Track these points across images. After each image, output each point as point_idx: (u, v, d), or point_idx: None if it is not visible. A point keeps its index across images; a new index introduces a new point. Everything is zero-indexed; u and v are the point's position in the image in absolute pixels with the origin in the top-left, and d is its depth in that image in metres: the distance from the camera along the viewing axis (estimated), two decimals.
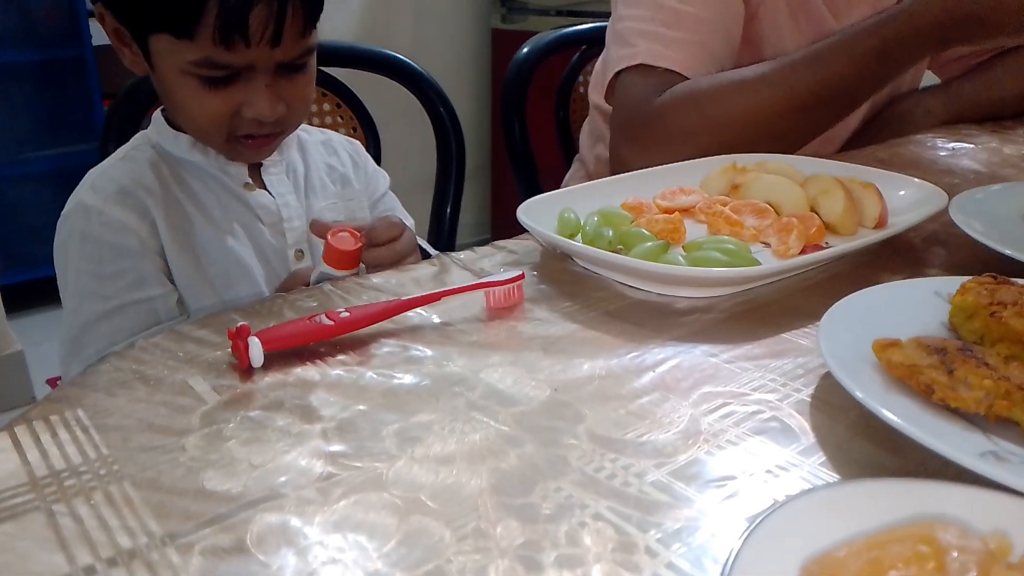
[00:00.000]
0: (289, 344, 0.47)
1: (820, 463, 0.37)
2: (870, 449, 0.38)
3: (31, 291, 2.13)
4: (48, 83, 2.31)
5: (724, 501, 0.35)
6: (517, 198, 0.71)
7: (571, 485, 0.36)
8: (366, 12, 2.62)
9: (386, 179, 0.95)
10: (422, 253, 0.77)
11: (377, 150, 1.11)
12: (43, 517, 0.34)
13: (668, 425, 0.40)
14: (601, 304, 0.54)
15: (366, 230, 0.71)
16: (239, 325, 0.45)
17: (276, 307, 0.53)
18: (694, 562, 0.31)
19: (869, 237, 0.60)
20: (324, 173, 0.87)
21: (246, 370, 0.45)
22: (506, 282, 0.53)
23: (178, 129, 0.77)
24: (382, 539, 0.32)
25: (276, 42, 0.67)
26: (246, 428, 0.40)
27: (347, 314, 0.49)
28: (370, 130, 1.12)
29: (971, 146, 1.01)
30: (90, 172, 0.76)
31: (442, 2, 2.79)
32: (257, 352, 0.45)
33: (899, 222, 0.64)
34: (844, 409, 0.41)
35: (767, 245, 0.63)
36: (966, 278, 0.48)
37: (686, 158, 0.78)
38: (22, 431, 0.39)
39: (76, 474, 0.36)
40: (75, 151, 2.33)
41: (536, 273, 0.59)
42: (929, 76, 1.20)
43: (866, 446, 0.39)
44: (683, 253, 0.59)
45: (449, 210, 1.16)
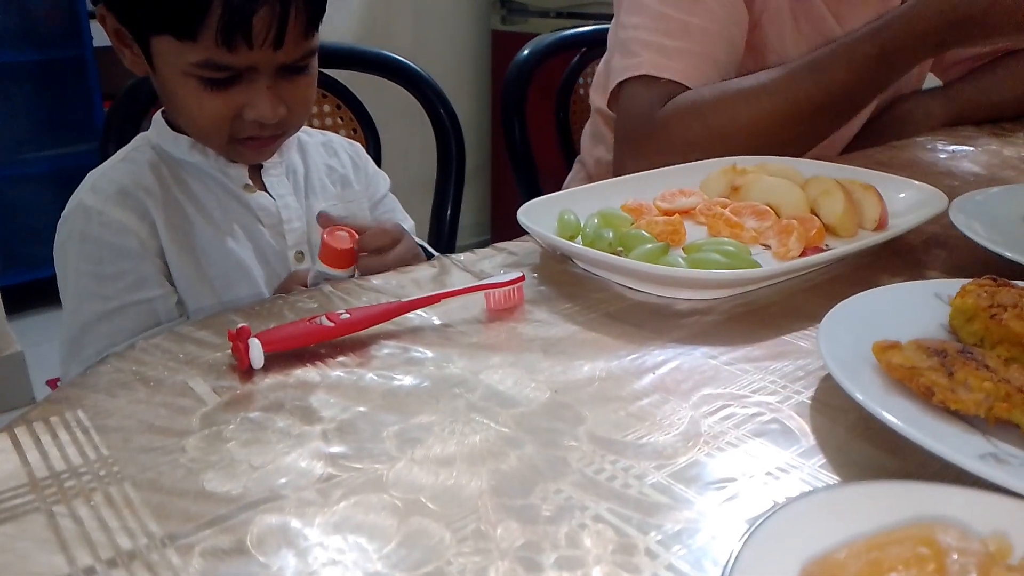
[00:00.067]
0: (289, 345, 0.47)
1: (820, 465, 0.38)
2: (870, 451, 0.38)
3: (31, 292, 2.13)
4: (48, 83, 2.32)
5: (724, 503, 0.35)
6: (517, 199, 0.71)
7: (571, 487, 0.36)
8: (366, 13, 2.62)
9: (386, 181, 0.95)
10: (425, 253, 0.77)
11: (377, 151, 1.11)
12: (43, 518, 0.34)
13: (668, 427, 0.40)
14: (601, 306, 0.54)
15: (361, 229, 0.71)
16: (239, 326, 0.45)
17: (276, 308, 0.53)
18: (694, 564, 0.31)
19: (869, 239, 0.60)
20: (324, 174, 0.87)
21: (246, 371, 0.45)
22: (506, 284, 0.53)
23: (178, 130, 0.77)
24: (382, 540, 0.32)
25: (279, 44, 0.67)
26: (246, 429, 0.40)
27: (347, 315, 0.49)
28: (370, 131, 1.12)
29: (971, 148, 1.01)
30: (90, 173, 0.76)
31: (442, 3, 2.79)
32: (257, 353, 0.45)
33: (899, 224, 0.64)
34: (844, 411, 0.41)
35: (767, 247, 0.63)
36: (966, 280, 0.48)
37: None
38: (22, 432, 0.39)
39: (76, 475, 0.36)
40: (75, 151, 2.34)
41: (536, 275, 0.59)
42: (931, 79, 1.20)
43: (866, 448, 0.39)
44: (683, 255, 0.59)
45: (449, 211, 1.16)
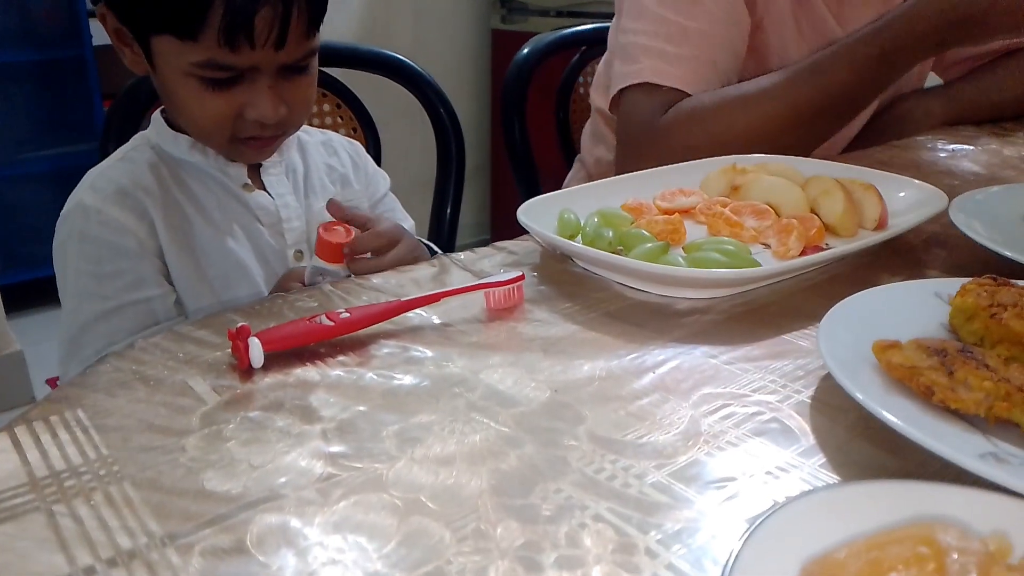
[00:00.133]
0: (289, 345, 0.47)
1: (820, 464, 0.37)
2: (870, 450, 0.38)
3: (31, 291, 2.13)
4: (48, 83, 2.32)
5: (724, 502, 0.35)
6: (517, 198, 0.71)
7: (571, 486, 0.36)
8: (366, 12, 2.62)
9: (386, 180, 0.95)
10: (429, 252, 0.77)
11: (377, 150, 1.11)
12: (43, 517, 0.34)
13: (668, 426, 0.40)
14: (601, 305, 0.54)
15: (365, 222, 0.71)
16: (239, 326, 0.45)
17: (276, 307, 0.53)
18: (694, 563, 0.31)
19: (869, 238, 0.60)
20: (324, 173, 0.87)
21: (246, 371, 0.45)
22: (506, 283, 0.53)
23: (177, 130, 0.77)
24: (382, 540, 0.32)
25: (280, 44, 0.67)
26: (246, 429, 0.40)
27: (347, 315, 0.49)
28: (370, 130, 1.12)
29: (971, 148, 1.01)
30: (89, 172, 0.76)
31: (442, 2, 2.79)
32: (257, 353, 0.45)
33: (899, 223, 0.64)
34: (844, 410, 0.41)
35: (767, 246, 0.63)
36: (966, 279, 0.48)
37: None
38: (22, 431, 0.39)
39: (76, 474, 0.36)
40: (75, 151, 2.34)
41: (536, 274, 0.59)
42: (932, 78, 1.20)
43: (866, 447, 0.39)
44: (683, 254, 0.59)
45: (449, 210, 1.16)
